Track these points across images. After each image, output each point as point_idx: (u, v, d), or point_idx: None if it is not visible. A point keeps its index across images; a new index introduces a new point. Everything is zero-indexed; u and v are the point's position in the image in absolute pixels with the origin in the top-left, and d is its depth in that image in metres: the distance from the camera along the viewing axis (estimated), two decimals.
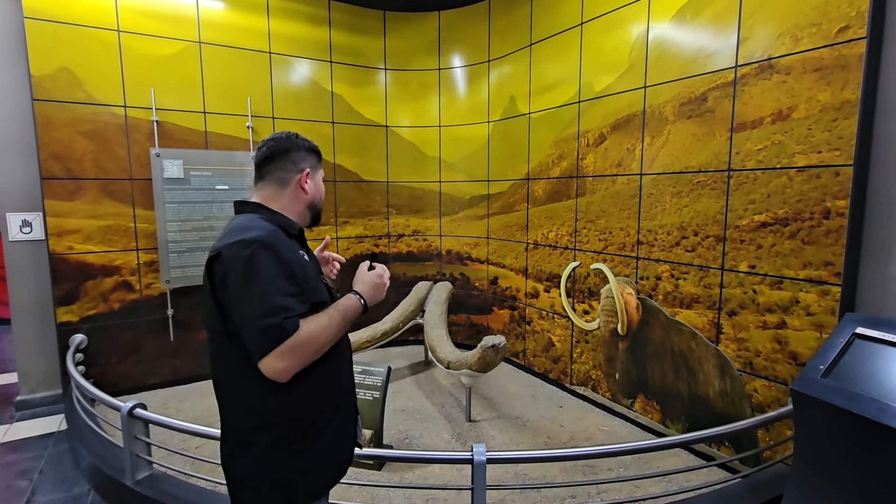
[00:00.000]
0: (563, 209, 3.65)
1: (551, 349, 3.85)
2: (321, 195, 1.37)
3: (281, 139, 1.31)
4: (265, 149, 1.31)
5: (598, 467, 2.63)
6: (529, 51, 3.89)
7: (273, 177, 1.29)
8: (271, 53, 4.04)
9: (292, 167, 1.30)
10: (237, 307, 1.11)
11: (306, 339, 1.10)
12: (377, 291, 1.31)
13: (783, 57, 2.29)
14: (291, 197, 1.30)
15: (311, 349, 1.11)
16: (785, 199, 2.32)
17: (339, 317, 1.18)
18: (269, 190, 1.29)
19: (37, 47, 3.25)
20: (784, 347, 2.35)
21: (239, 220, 1.22)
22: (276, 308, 1.08)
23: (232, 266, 1.10)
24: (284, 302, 1.10)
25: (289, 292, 1.12)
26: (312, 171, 1.33)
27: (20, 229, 3.49)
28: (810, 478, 1.71)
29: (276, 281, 1.11)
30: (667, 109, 2.86)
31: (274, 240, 1.14)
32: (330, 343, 1.17)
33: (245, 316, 1.09)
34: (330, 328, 1.15)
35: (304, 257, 1.25)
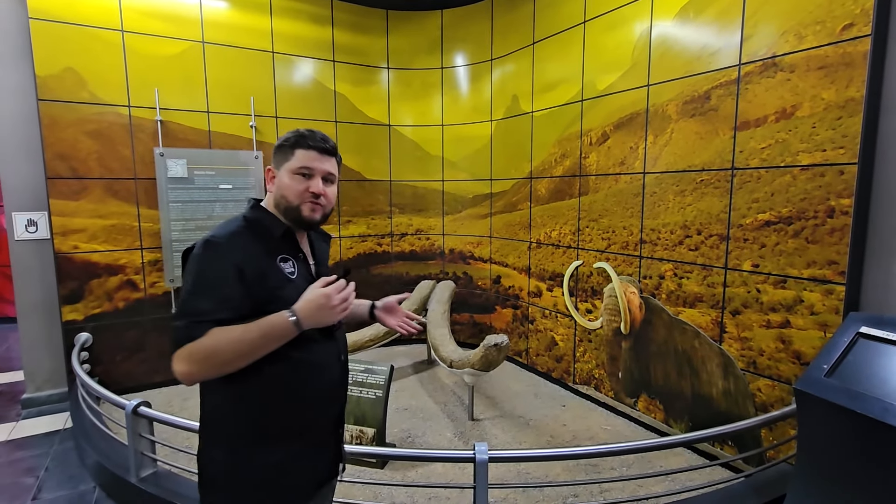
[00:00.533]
0: (566, 208, 3.65)
1: (554, 348, 3.85)
2: (283, 192, 1.22)
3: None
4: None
5: (601, 466, 2.63)
6: (532, 49, 3.88)
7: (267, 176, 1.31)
8: (274, 53, 4.05)
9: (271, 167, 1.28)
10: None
11: (206, 348, 1.02)
12: (319, 313, 1.11)
13: (787, 55, 2.28)
14: (270, 195, 1.27)
15: (212, 360, 1.03)
16: (789, 198, 2.30)
17: (256, 333, 1.06)
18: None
19: (42, 47, 3.27)
20: (788, 347, 2.34)
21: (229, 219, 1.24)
22: (190, 310, 1.05)
23: (185, 262, 1.13)
24: (200, 305, 1.05)
25: (211, 296, 1.06)
26: (275, 167, 1.25)
27: (26, 228, 3.51)
28: (814, 477, 1.71)
29: (202, 282, 1.07)
30: (670, 108, 2.85)
31: (224, 240, 1.11)
32: (243, 359, 1.06)
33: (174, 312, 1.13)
34: (240, 343, 1.04)
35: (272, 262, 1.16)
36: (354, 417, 2.72)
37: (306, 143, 1.22)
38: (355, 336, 3.60)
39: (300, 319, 1.09)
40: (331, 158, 1.25)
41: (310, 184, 1.21)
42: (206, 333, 1.03)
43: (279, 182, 1.23)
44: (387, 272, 4.79)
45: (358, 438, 2.71)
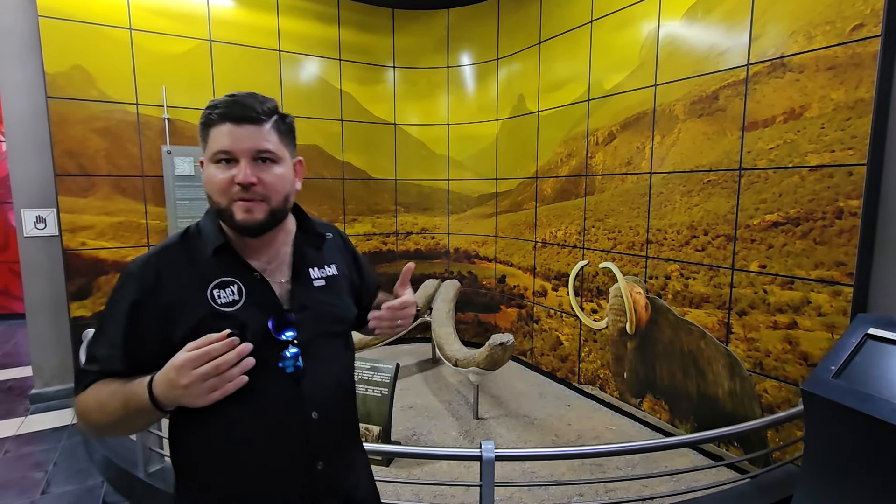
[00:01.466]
0: (572, 208, 3.65)
1: (559, 348, 3.85)
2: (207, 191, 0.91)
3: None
4: None
5: (606, 466, 2.63)
6: (539, 49, 3.88)
7: None
8: (281, 51, 4.06)
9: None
10: None
11: (79, 408, 0.86)
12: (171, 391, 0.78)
13: (796, 55, 2.27)
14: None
15: (86, 421, 0.86)
16: (797, 199, 2.30)
17: (119, 401, 0.82)
18: None
19: (51, 45, 3.29)
20: (795, 348, 2.34)
21: None
22: (87, 353, 0.90)
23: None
24: (92, 349, 0.89)
25: (107, 341, 0.87)
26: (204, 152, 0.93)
27: (34, 225, 3.54)
28: (820, 479, 1.70)
29: (103, 320, 0.88)
30: (677, 108, 2.85)
31: (136, 267, 0.88)
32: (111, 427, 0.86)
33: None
34: (103, 410, 0.83)
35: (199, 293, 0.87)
36: (360, 415, 2.73)
37: (217, 115, 0.87)
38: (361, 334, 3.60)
39: (156, 395, 0.79)
40: (258, 127, 0.88)
41: (233, 172, 0.87)
42: (86, 389, 0.86)
43: (204, 178, 0.91)
44: (392, 271, 4.80)
45: (363, 436, 2.72)
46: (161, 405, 0.80)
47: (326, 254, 1.08)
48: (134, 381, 0.82)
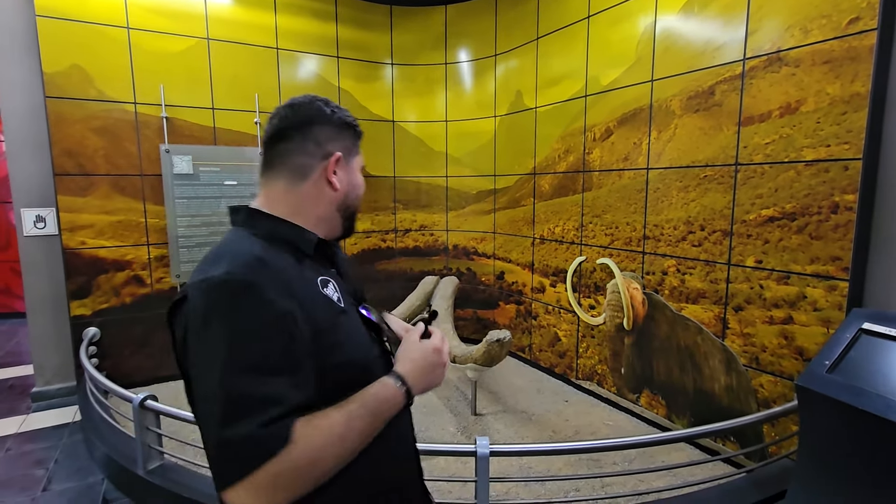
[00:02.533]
0: (570, 204, 3.65)
1: (557, 344, 3.86)
2: (358, 192, 0.95)
3: (302, 106, 0.89)
4: (276, 120, 0.89)
5: (603, 461, 2.64)
6: (536, 45, 3.87)
7: (286, 164, 0.87)
8: (278, 49, 4.06)
9: (315, 150, 0.87)
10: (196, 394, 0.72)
11: (304, 461, 0.64)
12: (432, 376, 0.85)
13: (792, 49, 2.26)
14: (311, 195, 0.87)
15: (311, 476, 0.66)
16: (793, 194, 2.29)
17: (366, 418, 0.73)
18: (279, 184, 0.87)
19: (49, 45, 3.30)
20: (790, 343, 2.34)
21: (223, 240, 0.83)
22: (248, 404, 0.63)
23: (190, 323, 0.71)
24: (264, 389, 0.65)
25: (275, 368, 0.67)
26: (345, 157, 0.91)
27: (34, 224, 3.56)
28: (814, 473, 1.71)
29: (249, 352, 0.66)
30: (674, 103, 2.84)
31: (253, 277, 0.71)
32: (344, 461, 0.71)
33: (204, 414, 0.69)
34: (346, 439, 0.70)
35: (324, 290, 0.81)
36: None
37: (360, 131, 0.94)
38: None
39: (411, 387, 0.80)
40: None
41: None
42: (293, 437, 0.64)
43: (352, 177, 0.93)
44: (391, 268, 4.81)
45: None
46: (413, 396, 0.82)
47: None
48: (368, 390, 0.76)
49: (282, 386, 0.66)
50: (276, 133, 0.88)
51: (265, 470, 0.62)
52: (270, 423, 0.63)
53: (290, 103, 0.91)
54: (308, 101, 0.91)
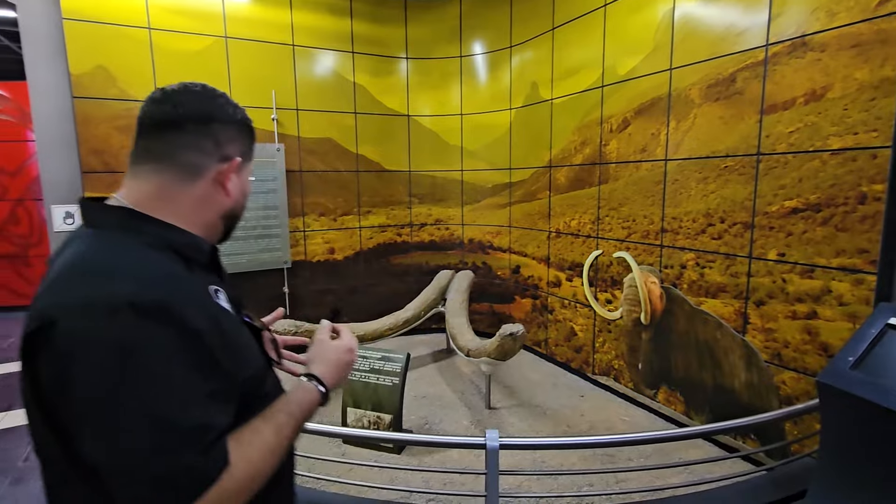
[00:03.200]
0: (586, 197, 3.59)
1: (573, 338, 3.82)
2: (245, 200, 0.88)
3: (203, 97, 0.78)
4: (168, 106, 0.75)
5: (618, 457, 2.61)
6: (552, 35, 3.81)
7: (174, 160, 0.75)
8: (294, 46, 4.10)
9: (213, 149, 0.77)
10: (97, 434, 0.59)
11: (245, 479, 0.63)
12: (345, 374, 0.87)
13: (818, 33, 2.17)
14: (200, 198, 0.77)
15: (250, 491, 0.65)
16: (817, 184, 2.21)
17: (293, 425, 0.74)
18: (159, 180, 0.74)
19: (75, 47, 3.41)
20: (814, 338, 2.26)
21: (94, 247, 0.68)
22: (183, 433, 0.59)
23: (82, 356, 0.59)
24: (196, 415, 0.61)
25: (206, 392, 0.63)
26: (243, 162, 0.83)
27: (63, 220, 3.69)
28: (836, 473, 1.66)
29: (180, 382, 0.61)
30: (693, 92, 2.76)
31: (168, 297, 0.63)
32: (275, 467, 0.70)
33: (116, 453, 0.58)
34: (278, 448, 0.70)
35: (217, 300, 0.74)
36: (372, 404, 2.78)
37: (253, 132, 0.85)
38: (374, 325, 3.66)
39: (329, 388, 0.81)
40: None
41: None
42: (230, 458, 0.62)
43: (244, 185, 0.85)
44: (406, 262, 4.84)
45: (375, 424, 2.76)
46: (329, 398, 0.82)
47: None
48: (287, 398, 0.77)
49: (213, 409, 0.63)
50: (169, 121, 0.74)
51: (209, 497, 0.59)
52: (208, 448, 0.60)
53: (189, 89, 0.77)
54: (210, 93, 0.79)
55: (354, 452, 2.71)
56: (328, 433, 2.38)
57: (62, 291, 0.63)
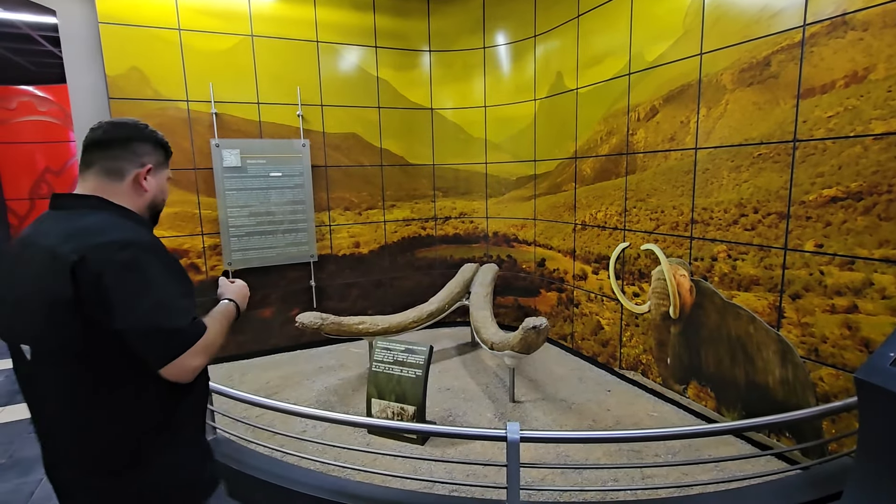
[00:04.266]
0: (613, 188, 3.51)
1: (600, 332, 3.76)
2: (163, 197, 1.26)
3: (121, 125, 1.18)
4: (99, 132, 1.15)
5: (644, 453, 2.57)
6: (577, 22, 3.73)
7: (104, 166, 1.13)
8: (319, 42, 4.15)
9: (132, 158, 1.16)
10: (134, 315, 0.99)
11: (213, 338, 1.12)
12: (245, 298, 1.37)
13: (859, 11, 2.05)
14: (127, 191, 1.16)
15: (216, 348, 1.13)
16: (859, 171, 2.10)
17: (224, 321, 1.22)
18: (98, 181, 1.13)
19: (111, 49, 3.54)
20: (855, 333, 2.16)
21: (85, 220, 1.06)
22: (182, 310, 1.06)
23: (113, 269, 0.99)
24: (186, 304, 1.08)
25: (185, 293, 1.10)
26: (156, 168, 1.21)
27: None
28: (874, 474, 1.58)
29: (171, 283, 1.06)
30: (725, 77, 2.66)
31: (149, 238, 1.09)
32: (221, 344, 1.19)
33: (149, 321, 1.00)
34: (222, 331, 1.19)
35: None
36: (395, 395, 2.81)
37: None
38: (399, 318, 3.69)
39: (239, 306, 1.32)
40: None
41: None
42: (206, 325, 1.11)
43: (161, 184, 1.25)
44: (431, 255, 4.85)
45: (399, 415, 2.80)
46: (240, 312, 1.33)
47: None
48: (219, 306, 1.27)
49: (188, 302, 1.10)
50: (99, 142, 1.14)
51: (201, 342, 1.07)
52: (193, 320, 1.08)
53: (114, 122, 1.18)
54: (131, 122, 1.20)
55: (379, 442, 2.76)
56: (354, 423, 2.44)
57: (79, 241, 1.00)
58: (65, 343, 1.02)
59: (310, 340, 4.27)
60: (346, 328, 3.44)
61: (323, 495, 2.16)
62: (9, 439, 3.13)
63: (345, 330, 3.44)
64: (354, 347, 4.30)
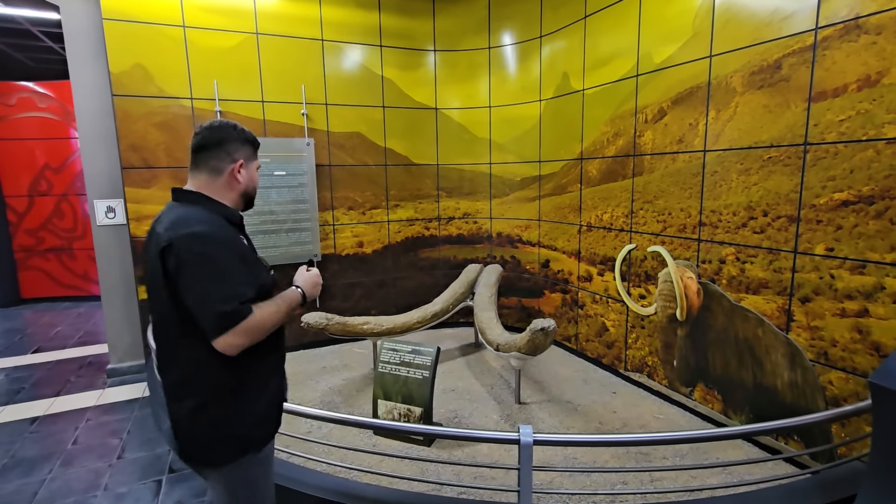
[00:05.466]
0: (619, 189, 3.51)
1: (605, 334, 3.76)
2: (254, 185, 1.47)
3: (215, 128, 1.39)
4: (199, 137, 1.38)
5: (652, 455, 2.56)
6: (584, 23, 3.72)
7: (206, 165, 1.37)
8: (324, 41, 4.13)
9: (226, 157, 1.38)
10: (195, 294, 1.23)
11: (258, 322, 1.26)
12: (315, 288, 1.49)
13: (873, 15, 2.05)
14: (225, 185, 1.39)
15: (261, 331, 1.28)
16: (871, 175, 2.09)
17: (284, 306, 1.35)
18: (202, 178, 1.38)
19: (114, 46, 3.51)
20: (865, 337, 2.15)
21: (185, 211, 1.31)
22: (233, 294, 1.23)
23: (185, 256, 1.22)
24: (239, 289, 1.25)
25: (242, 280, 1.27)
26: (246, 162, 1.42)
27: (105, 215, 3.84)
28: (888, 478, 1.57)
29: (230, 269, 1.25)
30: (735, 80, 2.65)
31: (222, 232, 1.30)
32: (276, 326, 1.34)
33: (204, 301, 1.22)
34: (277, 314, 1.32)
35: (244, 243, 1.40)
36: (402, 396, 2.80)
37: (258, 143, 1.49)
38: (403, 318, 3.68)
39: (305, 294, 1.44)
40: None
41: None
42: (253, 311, 1.26)
43: (252, 175, 1.46)
44: (434, 256, 4.84)
45: (406, 416, 2.78)
46: (307, 299, 1.46)
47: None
48: (284, 292, 1.41)
49: (245, 288, 1.28)
50: (200, 145, 1.38)
51: (240, 325, 1.23)
52: (243, 303, 1.25)
53: (209, 126, 1.40)
54: (221, 125, 1.40)
55: (385, 443, 2.74)
56: (363, 424, 2.42)
57: (172, 228, 1.26)
58: (161, 301, 1.29)
59: (313, 340, 4.25)
60: (350, 328, 3.42)
61: (329, 496, 2.14)
62: (10, 439, 3.10)
63: (349, 330, 3.42)
64: (358, 347, 4.28)
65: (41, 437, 3.13)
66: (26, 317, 6.07)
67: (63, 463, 2.83)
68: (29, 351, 4.80)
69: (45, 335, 5.30)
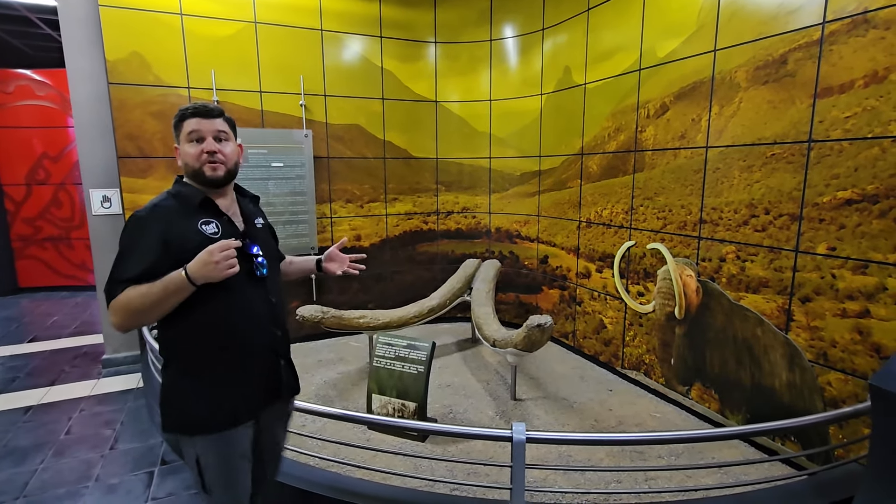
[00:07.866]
0: (619, 185, 3.47)
1: (602, 331, 3.73)
2: (185, 160, 1.40)
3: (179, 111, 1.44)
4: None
5: (648, 454, 2.54)
6: (587, 16, 3.66)
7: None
8: (323, 31, 4.08)
9: (175, 140, 1.45)
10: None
11: (121, 304, 1.26)
12: (205, 268, 1.28)
13: (882, 9, 2.00)
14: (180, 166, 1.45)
15: (128, 312, 1.27)
16: (876, 174, 2.05)
17: (158, 288, 1.27)
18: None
19: (111, 33, 3.47)
20: (865, 338, 2.12)
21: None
22: (113, 274, 1.29)
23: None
24: (119, 270, 1.29)
25: (128, 262, 1.29)
26: (176, 142, 1.44)
27: (101, 204, 3.80)
28: (886, 480, 1.55)
29: (127, 249, 1.30)
30: (739, 75, 2.61)
31: (147, 213, 1.32)
32: (151, 309, 1.27)
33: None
34: (147, 297, 1.26)
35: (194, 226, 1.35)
36: (397, 391, 2.78)
37: (189, 113, 1.39)
38: (400, 313, 3.65)
39: (190, 275, 1.27)
40: (215, 119, 1.40)
41: (202, 146, 1.38)
42: (122, 292, 1.26)
43: (181, 153, 1.41)
44: (432, 250, 4.81)
45: (400, 412, 2.76)
46: (193, 280, 1.27)
47: (258, 210, 1.65)
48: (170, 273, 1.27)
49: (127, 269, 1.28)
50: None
51: (112, 304, 1.28)
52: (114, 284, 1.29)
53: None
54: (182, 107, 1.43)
55: (378, 438, 2.72)
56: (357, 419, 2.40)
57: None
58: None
59: (308, 334, 4.23)
60: (346, 322, 3.39)
61: (322, 492, 2.12)
62: (3, 428, 3.09)
63: (345, 324, 3.40)
64: (354, 341, 4.26)
65: (34, 426, 3.12)
66: (23, 306, 6.06)
67: (55, 453, 2.81)
68: (25, 340, 4.78)
69: (41, 324, 5.29)
